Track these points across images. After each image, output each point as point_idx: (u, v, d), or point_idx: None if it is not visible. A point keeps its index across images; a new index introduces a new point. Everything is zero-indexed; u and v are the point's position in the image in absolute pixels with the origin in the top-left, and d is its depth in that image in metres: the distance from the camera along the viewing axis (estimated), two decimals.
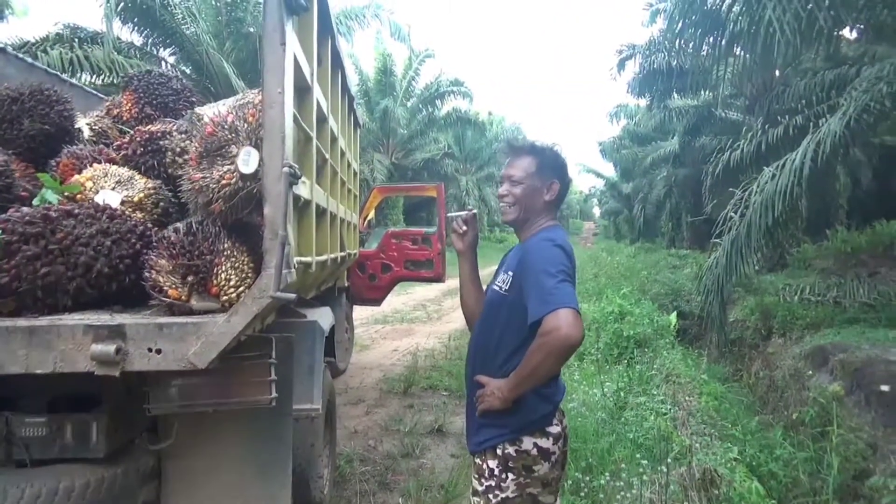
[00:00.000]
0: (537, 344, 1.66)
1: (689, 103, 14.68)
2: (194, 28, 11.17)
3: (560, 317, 1.60)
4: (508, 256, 2.02)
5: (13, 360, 1.71)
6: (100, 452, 1.97)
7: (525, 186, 1.91)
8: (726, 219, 6.60)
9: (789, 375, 5.64)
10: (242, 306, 1.80)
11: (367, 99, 21.07)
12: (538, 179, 1.92)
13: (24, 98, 2.63)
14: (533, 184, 1.91)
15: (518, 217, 1.94)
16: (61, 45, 10.06)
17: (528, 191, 1.91)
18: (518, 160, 1.95)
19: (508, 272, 1.88)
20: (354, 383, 6.20)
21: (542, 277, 1.69)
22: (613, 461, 3.50)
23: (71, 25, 10.69)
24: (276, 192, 1.82)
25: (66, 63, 9.31)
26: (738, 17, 6.11)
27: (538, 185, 1.92)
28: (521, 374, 1.74)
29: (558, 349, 1.64)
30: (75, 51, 9.80)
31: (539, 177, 1.92)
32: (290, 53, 1.93)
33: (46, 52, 9.42)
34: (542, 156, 1.95)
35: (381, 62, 21.71)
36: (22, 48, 9.12)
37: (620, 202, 32.37)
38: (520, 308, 1.75)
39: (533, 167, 1.92)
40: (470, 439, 1.98)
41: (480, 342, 1.96)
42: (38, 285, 1.86)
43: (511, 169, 1.95)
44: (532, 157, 1.94)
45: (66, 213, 1.97)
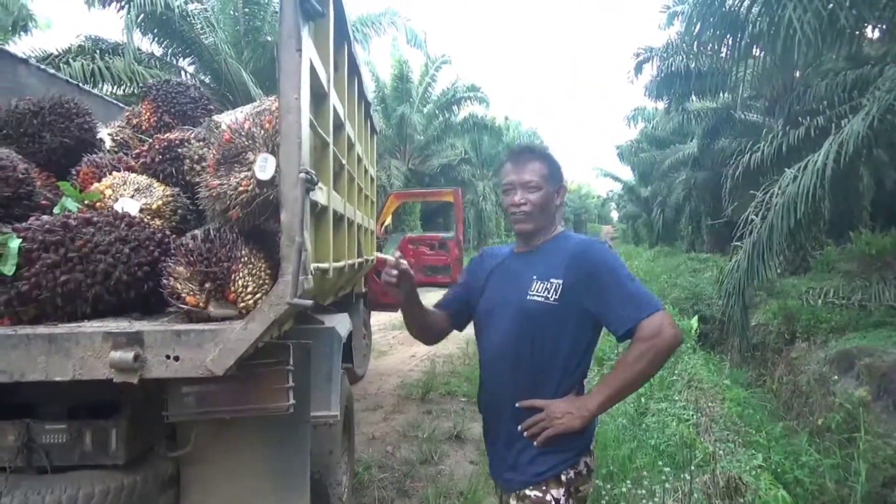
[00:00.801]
0: (640, 350, 1.59)
1: (707, 105, 14.52)
2: (213, 38, 11.33)
3: (660, 319, 1.58)
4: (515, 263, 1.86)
5: (33, 367, 1.71)
6: (119, 459, 1.97)
7: (543, 192, 1.80)
8: (747, 221, 6.52)
9: (814, 380, 5.54)
10: (259, 313, 1.79)
11: (384, 105, 21.16)
12: (551, 184, 1.83)
13: (44, 112, 2.67)
14: (548, 188, 1.81)
15: (537, 225, 1.81)
16: (83, 56, 10.26)
17: (546, 196, 1.80)
18: (530, 165, 1.82)
19: (550, 280, 1.71)
20: (372, 389, 6.20)
21: (624, 282, 1.64)
22: (635, 468, 3.45)
23: (92, 37, 10.92)
24: (293, 198, 1.81)
25: (87, 74, 9.50)
26: (758, 18, 6.04)
27: (551, 190, 1.83)
28: (620, 385, 1.64)
29: (665, 352, 1.60)
30: (97, 62, 9.99)
31: (551, 181, 1.83)
32: (307, 59, 1.92)
33: (69, 63, 9.61)
34: (550, 160, 1.86)
35: (398, 69, 21.81)
36: (45, 60, 9.33)
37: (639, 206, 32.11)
38: (574, 317, 1.68)
39: (545, 171, 1.82)
40: (519, 473, 1.72)
41: (520, 361, 1.73)
42: (58, 293, 1.87)
43: (525, 174, 1.81)
44: (542, 162, 1.83)
45: (85, 221, 1.99)
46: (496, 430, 1.81)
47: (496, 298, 1.83)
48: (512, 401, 1.73)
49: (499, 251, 1.99)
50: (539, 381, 1.71)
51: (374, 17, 14.54)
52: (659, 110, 19.29)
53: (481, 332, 1.89)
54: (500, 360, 1.78)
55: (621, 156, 26.80)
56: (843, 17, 5.13)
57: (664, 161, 20.36)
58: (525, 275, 1.77)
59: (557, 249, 1.78)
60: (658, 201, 23.76)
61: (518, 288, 1.76)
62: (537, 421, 1.68)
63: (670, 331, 1.57)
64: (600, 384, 1.69)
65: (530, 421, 1.69)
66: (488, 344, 1.83)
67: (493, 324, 1.82)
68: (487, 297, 1.87)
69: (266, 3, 12.54)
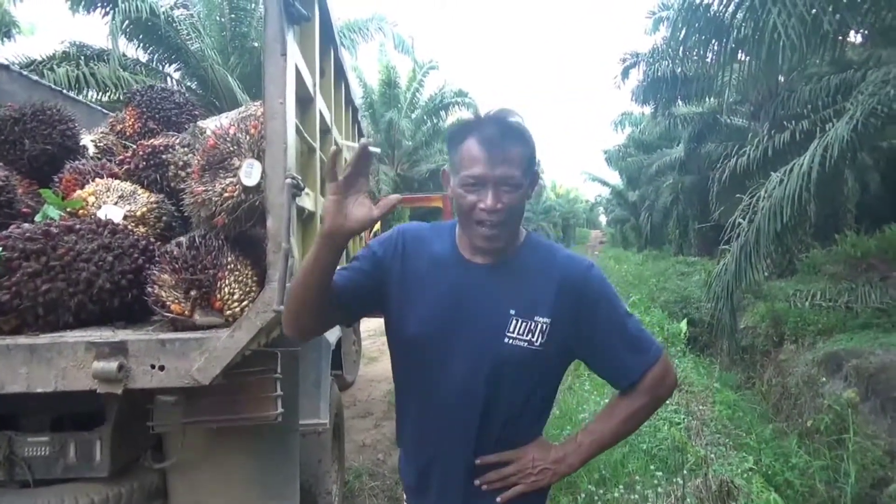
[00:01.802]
0: (643, 403, 1.35)
1: (693, 110, 14.64)
2: (199, 43, 11.23)
3: (664, 365, 1.36)
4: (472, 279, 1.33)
5: (14, 378, 1.69)
6: (103, 471, 1.95)
7: (521, 191, 1.26)
8: (734, 225, 6.55)
9: (802, 382, 5.57)
10: (246, 321, 1.77)
11: (372, 111, 21.09)
12: (527, 176, 1.28)
13: (26, 118, 2.63)
14: (524, 183, 1.27)
15: (510, 236, 1.31)
16: (67, 62, 10.10)
17: (523, 196, 1.28)
18: (509, 151, 1.24)
19: (535, 318, 1.29)
20: (362, 396, 6.15)
21: (626, 322, 1.33)
22: (627, 473, 3.43)
23: (77, 43, 10.74)
24: (279, 204, 1.80)
25: (72, 80, 9.38)
26: (743, 23, 6.09)
27: (526, 185, 1.29)
28: (611, 441, 1.41)
29: (665, 401, 1.45)
30: (81, 68, 9.86)
31: (528, 172, 1.29)
32: (292, 64, 1.91)
33: (53, 69, 9.49)
34: (530, 143, 1.29)
35: (386, 74, 21.76)
36: (29, 66, 9.16)
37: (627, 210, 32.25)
38: (558, 361, 1.36)
39: (526, 160, 1.27)
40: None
41: (490, 413, 1.32)
42: (39, 302, 1.84)
43: (503, 167, 1.23)
44: (523, 147, 1.27)
45: (67, 229, 1.96)
46: (443, 492, 1.39)
47: (449, 327, 1.31)
48: (471, 456, 1.34)
49: (429, 241, 1.40)
50: (507, 433, 1.35)
51: (362, 22, 14.50)
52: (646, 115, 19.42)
53: (420, 365, 1.36)
54: (461, 409, 1.32)
55: (609, 160, 26.95)
56: (826, 22, 5.19)
57: (651, 165, 20.49)
58: (498, 306, 1.30)
59: (536, 269, 1.32)
60: (646, 205, 23.89)
61: (489, 324, 1.30)
62: (506, 475, 1.34)
63: (672, 377, 1.38)
64: (587, 434, 1.38)
65: (496, 475, 1.34)
66: (442, 388, 1.34)
67: (447, 362, 1.32)
68: (428, 318, 1.32)
69: (252, 8, 12.48)
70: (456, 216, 1.35)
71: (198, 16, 11.96)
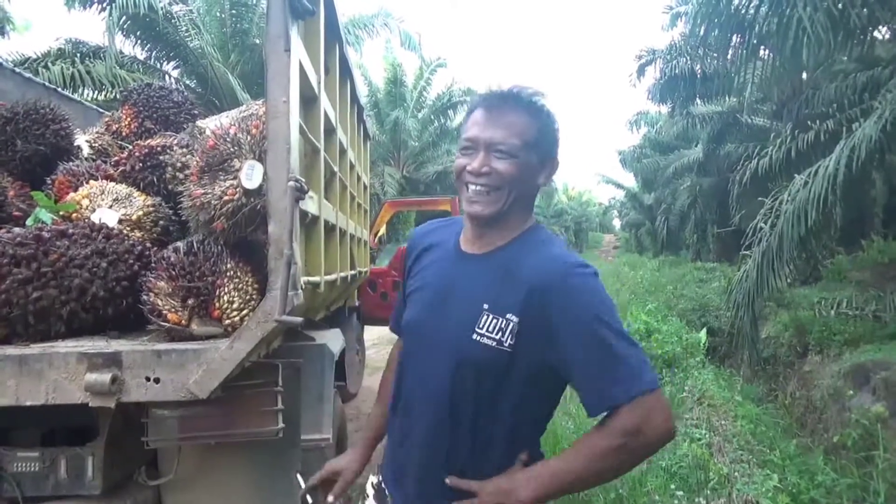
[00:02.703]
0: (615, 444, 1.09)
1: (713, 109, 14.36)
2: (199, 40, 11.13)
3: (651, 406, 1.09)
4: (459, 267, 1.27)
5: (2, 391, 1.63)
6: (96, 489, 1.87)
7: (520, 163, 1.18)
8: (756, 229, 6.38)
9: (828, 395, 5.38)
10: (246, 331, 1.68)
11: (377, 110, 20.86)
12: (536, 154, 1.21)
13: (18, 118, 2.58)
14: (529, 160, 1.20)
15: (500, 210, 1.20)
16: (63, 60, 10.00)
17: (523, 170, 1.19)
18: (509, 117, 1.19)
19: (506, 315, 1.16)
20: (366, 408, 6.00)
21: (610, 339, 1.11)
22: (646, 492, 3.29)
23: (73, 40, 10.63)
24: (282, 208, 1.71)
25: (67, 78, 9.28)
26: (766, 18, 5.92)
27: (535, 164, 1.21)
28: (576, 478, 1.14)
29: (647, 454, 1.16)
30: (77, 66, 9.77)
31: (537, 150, 1.21)
32: (296, 61, 1.82)
33: (48, 67, 9.40)
34: (547, 120, 1.23)
35: (392, 72, 21.52)
36: (23, 64, 9.00)
37: (642, 214, 31.91)
38: (533, 373, 1.18)
39: (532, 133, 1.20)
40: None
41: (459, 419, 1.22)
42: (30, 310, 1.78)
43: (498, 130, 1.18)
44: (531, 119, 1.20)
45: (59, 234, 1.88)
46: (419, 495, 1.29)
47: (432, 319, 1.26)
48: (440, 471, 1.22)
49: (436, 233, 1.39)
50: (479, 444, 1.22)
51: (367, 18, 14.35)
52: (662, 114, 19.14)
53: (405, 355, 1.35)
54: (430, 405, 1.24)
55: (623, 161, 26.62)
56: (854, 16, 5.02)
57: (668, 167, 20.16)
58: (473, 297, 1.20)
59: (518, 263, 1.20)
60: (662, 209, 23.58)
61: (461, 318, 1.20)
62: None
63: (661, 426, 1.09)
64: (547, 467, 1.17)
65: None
66: (411, 381, 1.29)
67: (418, 354, 1.29)
68: (418, 309, 1.30)
69: (254, 4, 12.38)
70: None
71: (197, 12, 11.86)
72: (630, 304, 10.69)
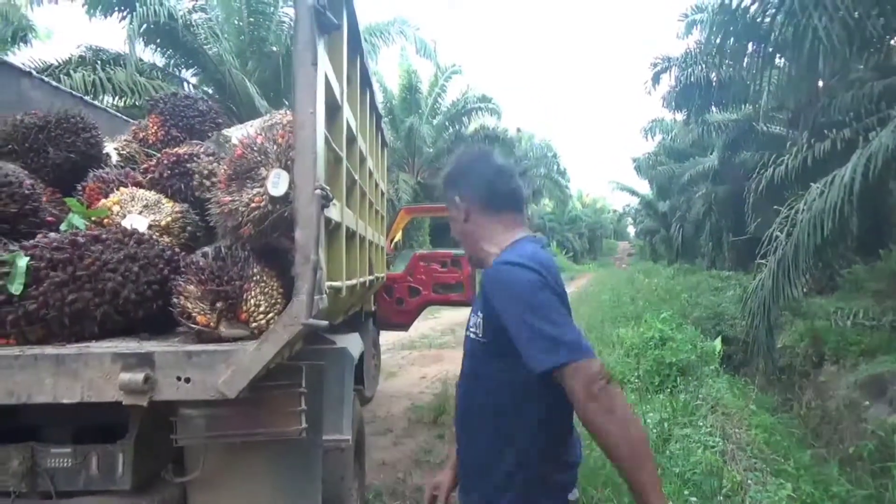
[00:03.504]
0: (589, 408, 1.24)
1: (728, 117, 14.28)
2: (217, 48, 11.24)
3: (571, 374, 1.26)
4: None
5: (40, 388, 1.68)
6: (126, 484, 1.92)
7: (453, 221, 1.63)
8: (771, 238, 6.35)
9: (844, 406, 5.34)
10: (273, 334, 1.73)
11: (392, 117, 20.91)
12: (455, 205, 1.60)
13: (50, 126, 2.63)
14: (456, 214, 1.60)
15: (472, 256, 1.63)
16: (84, 67, 10.14)
17: (457, 224, 1.61)
18: (447, 195, 1.64)
19: (477, 312, 1.50)
20: (382, 412, 6.04)
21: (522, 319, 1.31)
22: None
23: (93, 48, 10.80)
24: (308, 215, 1.75)
25: (88, 85, 9.39)
26: (782, 27, 5.92)
27: (458, 211, 1.59)
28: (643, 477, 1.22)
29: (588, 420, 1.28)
30: (98, 73, 9.89)
31: (455, 202, 1.60)
32: (322, 73, 1.87)
33: (69, 74, 9.52)
34: (449, 178, 1.65)
35: (406, 79, 21.59)
36: (45, 71, 9.13)
37: (657, 221, 31.70)
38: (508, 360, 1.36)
39: (461, 194, 1.59)
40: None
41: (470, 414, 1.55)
42: (66, 312, 1.84)
43: (449, 209, 1.65)
44: (445, 187, 1.64)
45: (93, 239, 1.95)
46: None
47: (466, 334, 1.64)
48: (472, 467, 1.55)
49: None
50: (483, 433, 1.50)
51: (383, 25, 14.42)
52: (677, 122, 19.05)
53: None
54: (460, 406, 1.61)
55: (638, 169, 26.51)
56: (870, 25, 5.01)
57: (683, 174, 20.07)
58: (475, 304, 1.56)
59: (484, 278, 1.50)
60: (677, 216, 23.42)
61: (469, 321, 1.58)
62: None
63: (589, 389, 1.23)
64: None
65: None
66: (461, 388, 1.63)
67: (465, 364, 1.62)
68: None
69: (272, 12, 12.48)
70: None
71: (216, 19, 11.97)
72: (644, 311, 10.65)
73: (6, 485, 1.88)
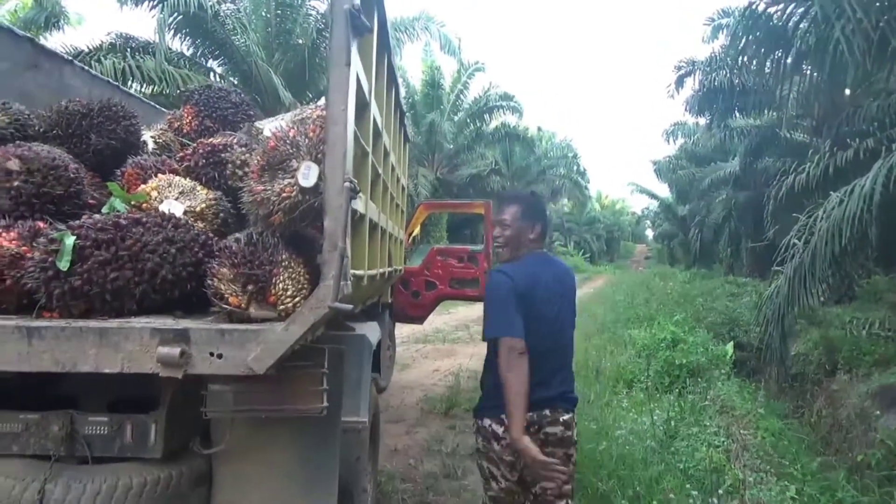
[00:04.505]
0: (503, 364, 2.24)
1: (751, 123, 14.19)
2: (244, 39, 11.36)
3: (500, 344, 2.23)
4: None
5: (84, 359, 1.78)
6: (157, 453, 2.04)
7: (514, 229, 2.40)
8: (789, 245, 6.35)
9: (855, 415, 5.35)
10: (301, 315, 1.82)
11: (414, 112, 20.90)
12: (526, 222, 2.40)
13: (93, 113, 2.74)
14: (521, 226, 2.40)
15: (510, 256, 2.42)
16: (114, 54, 10.28)
17: (516, 231, 2.40)
18: (507, 208, 2.43)
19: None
20: (395, 402, 6.17)
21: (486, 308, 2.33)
22: (661, 490, 3.38)
23: (123, 35, 10.95)
24: (337, 206, 1.85)
25: (118, 72, 9.53)
26: (806, 35, 5.91)
27: (524, 227, 2.40)
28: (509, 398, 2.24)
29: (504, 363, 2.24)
30: (127, 60, 10.04)
31: (526, 220, 2.40)
32: (354, 72, 1.97)
33: (100, 61, 9.66)
34: (527, 203, 2.46)
35: (429, 75, 21.59)
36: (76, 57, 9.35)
37: (675, 225, 31.44)
38: None
39: (520, 213, 2.40)
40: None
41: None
42: (108, 289, 1.93)
43: (502, 215, 2.43)
44: (518, 206, 2.43)
45: (135, 221, 2.06)
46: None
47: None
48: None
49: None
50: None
51: (408, 21, 14.47)
52: (700, 126, 18.93)
53: None
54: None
55: (658, 172, 26.32)
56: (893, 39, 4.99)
57: (704, 179, 19.90)
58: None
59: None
60: (696, 221, 23.18)
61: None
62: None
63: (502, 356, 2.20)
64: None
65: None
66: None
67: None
68: None
69: (299, 5, 12.57)
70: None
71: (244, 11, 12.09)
72: (658, 314, 10.66)
73: (46, 449, 2.00)
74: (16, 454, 2.01)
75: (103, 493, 1.93)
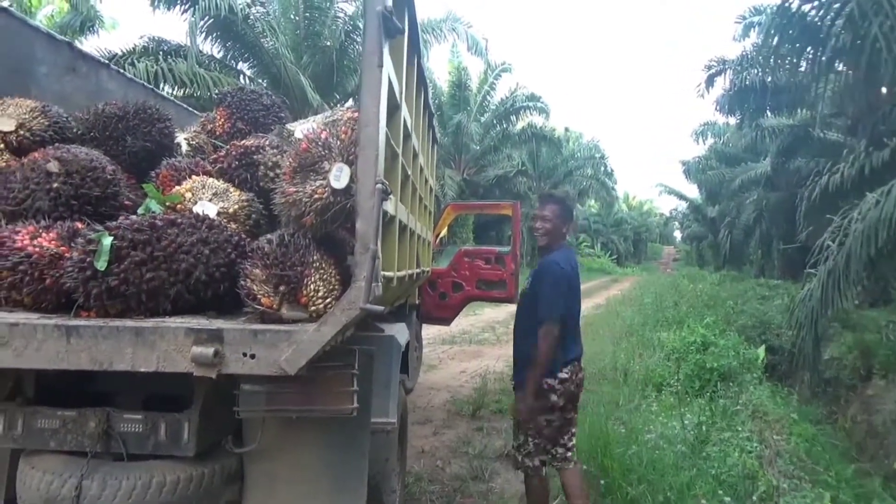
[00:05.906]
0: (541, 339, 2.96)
1: (783, 122, 13.88)
2: (273, 42, 11.51)
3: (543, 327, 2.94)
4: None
5: (121, 357, 1.81)
6: (190, 451, 2.06)
7: (553, 223, 3.10)
8: (823, 247, 6.19)
9: (891, 421, 5.20)
10: (332, 316, 1.83)
11: (441, 113, 20.85)
12: (562, 219, 3.12)
13: (129, 116, 2.80)
14: (559, 222, 3.11)
15: (547, 243, 3.12)
16: (147, 57, 10.51)
17: (554, 226, 3.10)
18: (549, 205, 3.17)
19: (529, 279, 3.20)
20: (422, 403, 6.16)
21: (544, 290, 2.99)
22: (693, 496, 3.33)
23: (156, 38, 11.19)
24: (369, 208, 1.85)
25: (150, 75, 9.73)
26: (841, 32, 5.76)
27: (561, 223, 3.12)
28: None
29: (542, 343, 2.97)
30: (160, 63, 10.25)
31: (562, 217, 3.13)
32: (386, 75, 1.98)
33: (133, 64, 9.89)
34: (565, 203, 3.24)
35: (456, 76, 21.58)
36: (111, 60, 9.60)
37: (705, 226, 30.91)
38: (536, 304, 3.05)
39: (559, 211, 3.14)
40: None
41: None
42: (143, 289, 1.97)
43: (544, 210, 3.15)
44: (558, 205, 3.18)
45: (170, 223, 2.09)
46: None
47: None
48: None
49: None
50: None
51: (435, 22, 14.46)
52: (730, 125, 18.60)
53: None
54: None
55: (687, 172, 25.93)
56: None
57: (734, 179, 19.53)
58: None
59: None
60: (726, 222, 22.72)
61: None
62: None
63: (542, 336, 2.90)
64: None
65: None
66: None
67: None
68: None
69: (328, 7, 12.68)
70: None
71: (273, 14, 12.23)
72: (687, 316, 10.50)
73: (83, 445, 2.05)
74: (54, 450, 2.05)
75: (138, 490, 1.96)
